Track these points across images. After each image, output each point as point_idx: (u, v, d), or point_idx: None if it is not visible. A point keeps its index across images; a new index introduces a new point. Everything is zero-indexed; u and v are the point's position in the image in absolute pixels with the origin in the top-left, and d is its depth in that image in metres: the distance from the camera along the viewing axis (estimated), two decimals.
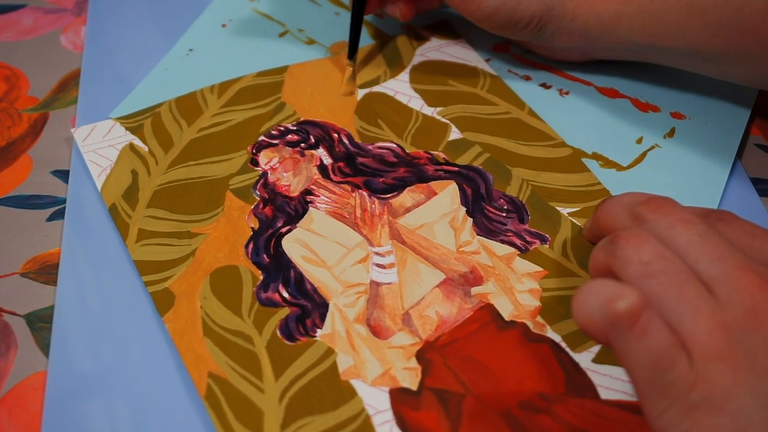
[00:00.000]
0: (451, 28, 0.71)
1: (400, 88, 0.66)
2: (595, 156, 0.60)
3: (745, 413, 0.38)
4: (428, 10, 0.70)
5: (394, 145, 0.61)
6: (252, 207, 0.57)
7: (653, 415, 0.40)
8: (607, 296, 0.41)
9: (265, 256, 0.54)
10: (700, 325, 0.40)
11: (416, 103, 0.64)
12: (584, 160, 0.60)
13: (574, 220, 0.56)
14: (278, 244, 0.55)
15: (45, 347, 0.51)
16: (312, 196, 0.57)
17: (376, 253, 0.54)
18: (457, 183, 0.58)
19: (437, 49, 0.69)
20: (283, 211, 0.56)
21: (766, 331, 0.39)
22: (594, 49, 0.65)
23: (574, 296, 0.42)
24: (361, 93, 0.65)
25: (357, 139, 0.61)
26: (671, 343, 0.40)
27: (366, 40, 0.70)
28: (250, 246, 0.55)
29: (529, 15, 0.61)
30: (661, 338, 0.40)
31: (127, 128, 0.62)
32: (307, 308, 0.52)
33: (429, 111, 0.64)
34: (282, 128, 0.62)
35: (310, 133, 0.62)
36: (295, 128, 0.62)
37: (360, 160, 0.60)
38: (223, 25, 0.71)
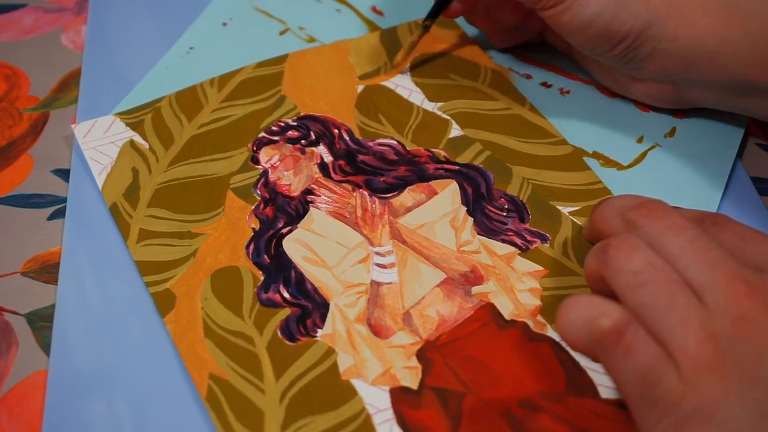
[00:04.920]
0: (454, 21, 0.71)
1: (401, 81, 0.66)
2: (596, 155, 0.60)
3: (735, 421, 0.38)
4: (504, 35, 0.68)
5: (395, 142, 0.61)
6: (253, 207, 0.57)
7: (646, 428, 0.41)
8: (591, 314, 0.42)
9: (266, 256, 0.54)
10: (689, 336, 0.40)
11: (417, 97, 0.64)
12: (585, 159, 0.60)
13: (574, 219, 0.56)
14: (279, 245, 0.55)
15: (46, 346, 0.51)
16: (313, 196, 0.57)
17: (377, 253, 0.54)
18: (457, 182, 0.58)
19: (438, 42, 0.69)
20: (283, 211, 0.56)
21: (754, 338, 0.39)
22: (689, 81, 0.59)
23: (558, 312, 0.43)
24: (360, 86, 0.65)
25: (357, 135, 0.61)
26: (658, 358, 0.40)
27: (364, 33, 0.70)
28: (251, 247, 0.55)
29: (626, 30, 0.56)
30: (647, 354, 0.40)
31: (127, 124, 0.61)
32: (308, 308, 0.52)
33: (430, 106, 0.64)
34: (282, 124, 0.62)
35: (311, 129, 0.62)
36: (295, 124, 0.62)
37: (360, 157, 0.60)
38: (224, 24, 0.71)
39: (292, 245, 0.55)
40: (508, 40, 0.67)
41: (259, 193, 0.58)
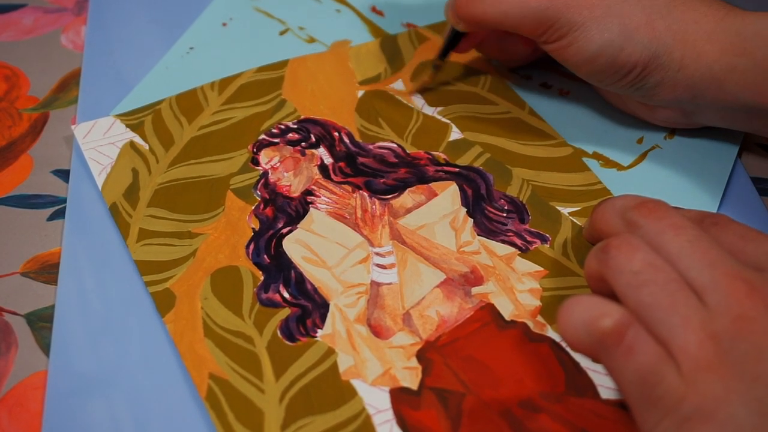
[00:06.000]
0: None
1: (400, 86, 0.66)
2: (596, 156, 0.60)
3: (736, 421, 0.38)
4: (519, 60, 0.66)
5: (395, 145, 0.61)
6: (253, 207, 0.57)
7: (647, 428, 0.41)
8: (592, 314, 0.42)
9: (265, 256, 0.54)
10: (690, 336, 0.40)
11: (417, 102, 0.64)
12: (585, 159, 0.60)
13: (574, 220, 0.56)
14: (279, 245, 0.55)
15: (45, 347, 0.51)
16: (313, 197, 0.57)
17: (377, 254, 0.54)
18: (457, 184, 0.58)
19: (438, 48, 0.69)
20: (283, 211, 0.56)
21: (754, 338, 0.39)
22: (698, 106, 0.58)
23: (558, 312, 0.43)
24: (361, 91, 0.65)
25: (357, 138, 0.61)
26: (658, 358, 0.40)
27: (366, 38, 0.70)
28: (251, 247, 0.55)
29: (633, 61, 0.55)
30: (648, 354, 0.40)
31: (127, 125, 0.62)
32: (308, 308, 0.52)
33: (429, 110, 0.64)
34: (283, 126, 0.62)
35: (311, 132, 0.62)
36: (295, 126, 0.62)
37: (360, 160, 0.60)
38: (224, 24, 0.71)
39: (292, 245, 0.55)
40: (520, 61, 0.66)
41: (259, 193, 0.58)
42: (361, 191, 0.58)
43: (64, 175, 0.60)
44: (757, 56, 0.53)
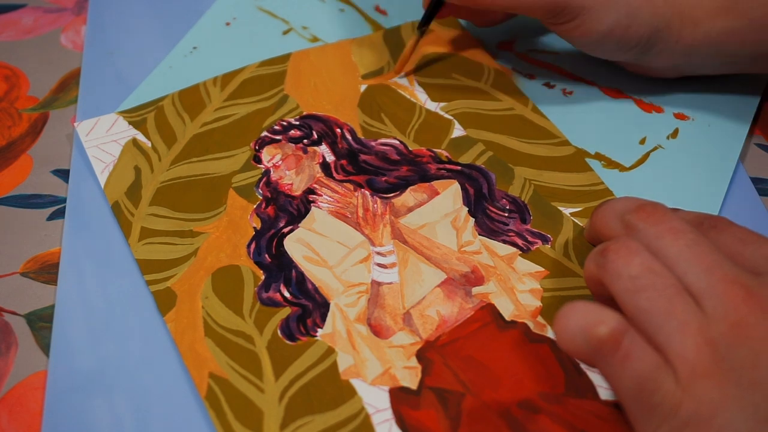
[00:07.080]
0: (456, 21, 0.71)
1: (403, 80, 0.66)
2: (598, 156, 0.60)
3: (733, 427, 0.39)
4: (493, 23, 0.67)
5: (397, 142, 0.61)
6: (254, 206, 0.57)
7: None
8: (588, 321, 0.42)
9: (267, 256, 0.54)
10: (687, 342, 0.40)
11: (420, 96, 0.64)
12: (587, 160, 0.60)
13: (576, 221, 0.56)
14: (280, 244, 0.55)
15: (45, 347, 0.51)
16: (314, 195, 0.57)
17: (378, 253, 0.54)
18: (459, 182, 0.58)
19: (441, 42, 0.69)
20: (285, 210, 0.56)
21: (751, 344, 0.39)
22: (694, 65, 0.62)
23: (555, 320, 0.43)
24: (363, 85, 0.65)
25: (360, 135, 0.61)
26: (655, 365, 0.40)
27: (368, 32, 0.70)
28: (252, 246, 0.54)
29: (637, 37, 0.58)
30: (644, 361, 0.40)
31: (130, 122, 0.62)
32: (308, 308, 0.52)
33: (432, 106, 0.64)
34: (285, 123, 0.62)
35: (313, 129, 0.62)
36: (297, 123, 0.62)
37: (363, 157, 0.60)
38: (227, 23, 0.71)
39: (293, 245, 0.55)
40: (494, 24, 0.68)
41: (260, 192, 0.58)
42: (362, 190, 0.58)
43: (64, 174, 0.60)
44: (752, 16, 0.57)
